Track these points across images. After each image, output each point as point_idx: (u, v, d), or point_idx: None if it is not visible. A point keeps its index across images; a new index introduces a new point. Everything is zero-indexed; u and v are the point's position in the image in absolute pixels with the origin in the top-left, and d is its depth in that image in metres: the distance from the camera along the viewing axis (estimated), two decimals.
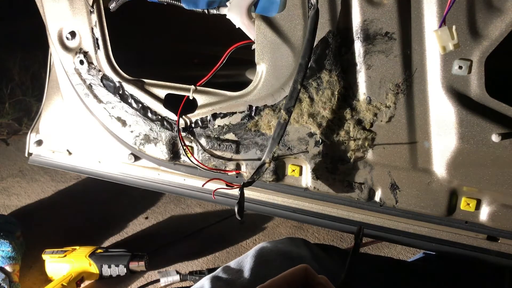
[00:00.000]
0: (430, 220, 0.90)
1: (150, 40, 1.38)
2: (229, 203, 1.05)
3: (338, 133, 0.88)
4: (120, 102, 1.07)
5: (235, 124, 0.97)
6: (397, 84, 0.81)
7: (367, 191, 0.90)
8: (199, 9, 0.91)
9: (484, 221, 0.85)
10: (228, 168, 1.00)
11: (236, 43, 0.90)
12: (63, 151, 1.22)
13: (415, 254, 1.43)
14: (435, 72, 0.78)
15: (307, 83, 0.86)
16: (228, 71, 1.03)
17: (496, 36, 0.72)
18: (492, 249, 0.89)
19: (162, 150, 1.05)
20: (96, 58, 1.06)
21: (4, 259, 1.30)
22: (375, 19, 0.78)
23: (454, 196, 0.85)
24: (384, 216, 0.94)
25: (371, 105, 0.84)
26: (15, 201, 1.75)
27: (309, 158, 0.92)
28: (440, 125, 0.80)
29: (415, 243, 0.94)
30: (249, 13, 0.88)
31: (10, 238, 1.35)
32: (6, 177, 1.93)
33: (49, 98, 1.23)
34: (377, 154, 0.87)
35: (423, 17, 0.76)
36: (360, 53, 0.81)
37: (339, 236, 1.51)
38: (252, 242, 1.52)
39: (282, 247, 0.92)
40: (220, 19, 0.90)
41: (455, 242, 0.90)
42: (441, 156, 0.82)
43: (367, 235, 0.97)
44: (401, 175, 0.87)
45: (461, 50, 0.74)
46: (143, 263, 1.33)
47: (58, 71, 1.15)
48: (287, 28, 0.85)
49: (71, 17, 1.04)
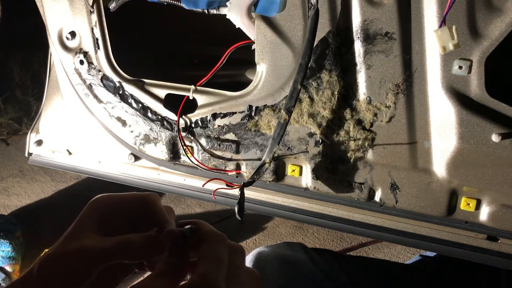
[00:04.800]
0: (430, 220, 0.90)
1: (150, 40, 1.38)
2: (229, 203, 1.05)
3: (338, 133, 0.88)
4: (120, 102, 1.07)
5: (235, 124, 0.97)
6: (397, 84, 0.81)
7: (367, 191, 0.90)
8: (199, 9, 0.91)
9: (484, 221, 0.85)
10: (228, 168, 1.00)
11: (236, 43, 0.90)
12: (63, 151, 1.22)
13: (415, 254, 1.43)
14: (435, 72, 0.78)
15: (307, 83, 0.86)
16: (228, 71, 1.03)
17: (496, 36, 0.72)
18: (492, 249, 0.88)
19: (162, 150, 1.05)
20: (96, 58, 1.06)
21: (4, 259, 1.30)
22: (375, 19, 0.78)
23: (454, 196, 0.85)
24: (384, 216, 0.94)
25: (371, 105, 0.84)
26: (15, 201, 1.75)
27: (309, 158, 0.92)
28: (440, 125, 0.80)
29: (415, 243, 0.94)
30: (249, 13, 0.88)
31: (10, 238, 1.35)
32: (6, 177, 1.93)
33: (49, 98, 1.23)
34: (377, 154, 0.87)
35: (423, 17, 0.76)
36: (360, 53, 0.81)
37: (339, 236, 1.51)
38: (252, 242, 1.52)
39: (279, 252, 0.93)
40: (220, 19, 0.90)
41: (455, 242, 0.90)
42: (441, 156, 0.82)
43: (367, 235, 0.97)
44: (401, 175, 0.87)
45: (461, 50, 0.74)
46: None
47: (58, 71, 1.15)
48: (287, 28, 0.85)
49: (71, 17, 1.04)
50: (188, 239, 0.47)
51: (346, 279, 0.95)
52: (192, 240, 0.47)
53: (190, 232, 0.47)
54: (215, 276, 0.41)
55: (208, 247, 0.45)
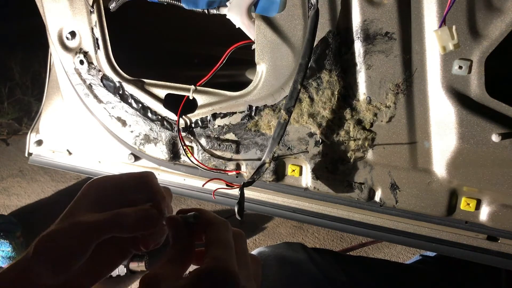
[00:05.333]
0: (430, 220, 0.90)
1: (150, 40, 1.38)
2: (229, 203, 1.05)
3: (338, 133, 0.88)
4: (120, 102, 1.07)
5: (235, 124, 0.97)
6: (397, 84, 0.81)
7: (367, 191, 0.90)
8: (199, 9, 0.91)
9: (484, 221, 0.85)
10: (228, 168, 1.00)
11: (236, 43, 0.90)
12: (63, 151, 1.22)
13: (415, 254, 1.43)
14: (435, 72, 0.78)
15: (307, 83, 0.86)
16: (228, 71, 1.03)
17: (496, 36, 0.72)
18: (492, 249, 0.88)
19: (162, 150, 1.05)
20: (96, 58, 1.06)
21: (4, 259, 1.30)
22: (375, 19, 0.78)
23: (454, 196, 0.85)
24: (384, 216, 0.94)
25: (371, 105, 0.84)
26: (15, 201, 1.75)
27: (309, 158, 0.92)
28: (440, 125, 0.80)
29: (415, 243, 0.94)
30: (249, 13, 0.88)
31: (10, 238, 1.35)
32: (6, 177, 1.93)
33: (49, 98, 1.23)
34: (377, 154, 0.87)
35: (423, 17, 0.76)
36: (360, 53, 0.81)
37: (339, 236, 1.51)
38: (252, 242, 1.52)
39: (280, 252, 0.93)
40: (220, 19, 0.90)
41: (455, 242, 0.90)
42: (441, 156, 0.82)
43: (367, 235, 0.97)
44: (401, 175, 0.87)
45: (461, 50, 0.74)
46: (143, 263, 1.33)
47: (58, 71, 1.15)
48: (287, 28, 0.85)
49: (71, 17, 1.04)
50: (192, 226, 0.47)
51: (346, 279, 0.95)
52: (195, 226, 0.47)
53: (193, 218, 0.47)
54: (229, 260, 0.41)
55: (216, 233, 0.45)
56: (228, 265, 0.41)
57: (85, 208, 0.46)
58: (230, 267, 0.40)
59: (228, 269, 0.40)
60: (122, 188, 0.49)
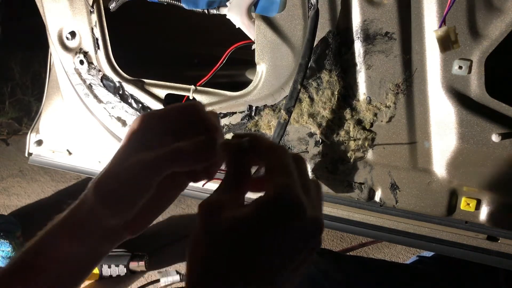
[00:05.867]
0: (430, 220, 0.90)
1: (150, 40, 1.38)
2: None
3: (338, 133, 0.88)
4: (120, 102, 1.07)
5: (235, 124, 0.96)
6: (397, 84, 0.81)
7: (367, 191, 0.90)
8: (199, 9, 0.91)
9: (484, 221, 0.85)
10: None
11: (236, 43, 0.90)
12: (63, 151, 1.22)
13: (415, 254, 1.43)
14: (435, 72, 0.78)
15: (307, 83, 0.86)
16: (228, 71, 1.03)
17: (496, 36, 0.72)
18: (492, 249, 0.88)
19: None
20: (96, 58, 1.06)
21: (4, 259, 1.30)
22: (375, 19, 0.78)
23: (454, 196, 0.85)
24: (384, 216, 0.94)
25: (371, 105, 0.84)
26: (15, 201, 1.75)
27: (309, 158, 0.91)
28: (440, 125, 0.80)
29: (415, 243, 0.94)
30: (249, 13, 0.88)
31: (10, 238, 1.35)
32: (6, 177, 1.93)
33: (49, 98, 1.23)
34: (377, 154, 0.87)
35: (423, 17, 0.76)
36: (360, 53, 0.81)
37: (339, 236, 1.51)
38: None
39: None
40: (220, 19, 0.90)
41: (455, 242, 0.90)
42: (441, 156, 0.82)
43: (367, 235, 0.97)
44: (401, 175, 0.87)
45: (461, 50, 0.74)
46: (143, 263, 1.33)
47: (58, 71, 1.15)
48: (287, 28, 0.85)
49: (71, 17, 1.04)
50: (246, 152, 0.44)
51: (345, 279, 0.95)
52: (249, 152, 0.44)
53: (248, 143, 0.44)
54: (294, 187, 0.38)
55: (277, 159, 0.42)
56: (294, 193, 0.38)
57: (137, 145, 0.46)
58: (296, 196, 0.38)
59: (295, 197, 0.37)
60: (170, 121, 0.48)
